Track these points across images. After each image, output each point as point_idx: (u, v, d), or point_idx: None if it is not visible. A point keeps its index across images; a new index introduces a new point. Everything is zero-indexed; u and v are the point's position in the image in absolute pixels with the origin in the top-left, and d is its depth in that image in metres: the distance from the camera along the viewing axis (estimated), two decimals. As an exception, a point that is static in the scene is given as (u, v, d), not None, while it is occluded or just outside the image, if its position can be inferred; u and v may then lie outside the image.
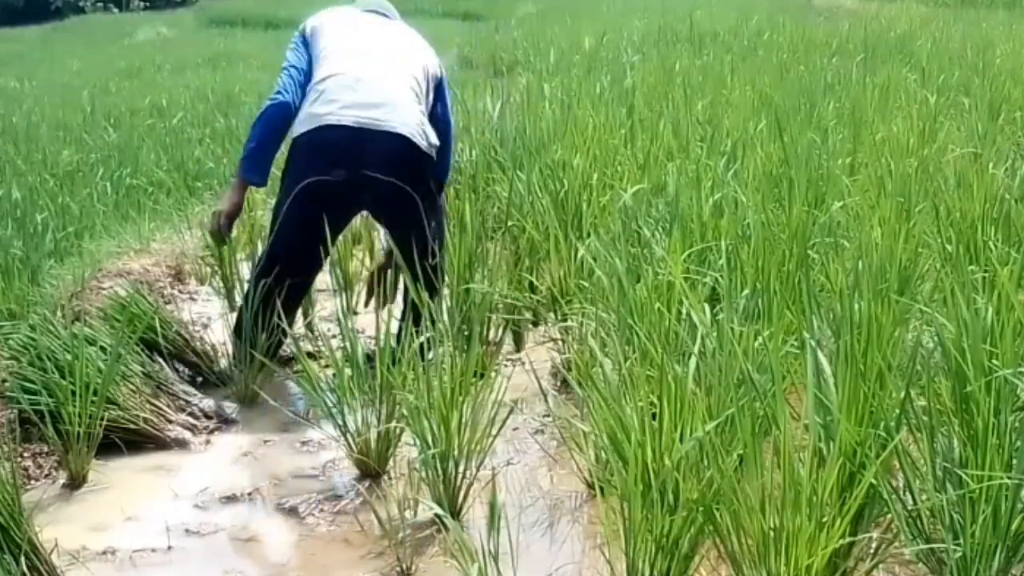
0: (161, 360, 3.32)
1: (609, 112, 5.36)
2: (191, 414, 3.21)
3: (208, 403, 3.30)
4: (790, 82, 6.90)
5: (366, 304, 3.84)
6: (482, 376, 2.84)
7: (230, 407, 3.32)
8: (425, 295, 2.97)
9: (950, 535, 2.02)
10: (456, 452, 2.58)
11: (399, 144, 3.36)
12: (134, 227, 4.90)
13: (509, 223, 4.09)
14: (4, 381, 3.00)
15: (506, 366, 3.47)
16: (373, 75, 3.46)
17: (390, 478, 2.83)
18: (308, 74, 3.50)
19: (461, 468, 2.58)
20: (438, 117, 3.62)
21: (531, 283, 3.79)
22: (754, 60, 8.56)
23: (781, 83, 6.84)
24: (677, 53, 9.05)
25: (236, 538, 2.61)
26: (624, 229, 3.36)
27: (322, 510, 2.71)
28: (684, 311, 2.71)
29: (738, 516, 2.02)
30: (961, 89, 6.58)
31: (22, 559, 2.27)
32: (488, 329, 3.46)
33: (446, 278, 3.55)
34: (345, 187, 3.36)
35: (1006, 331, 2.21)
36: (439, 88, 3.67)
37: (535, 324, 3.81)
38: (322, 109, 3.38)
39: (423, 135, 3.42)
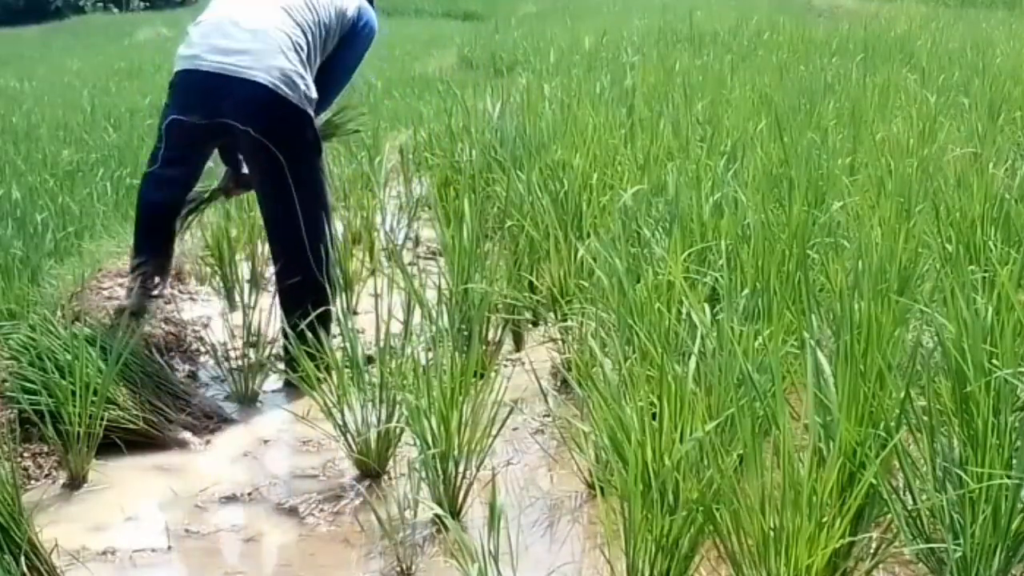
0: (161, 360, 3.32)
1: (609, 112, 5.36)
2: (191, 414, 3.21)
3: (208, 403, 3.30)
4: (790, 82, 6.90)
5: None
6: (482, 376, 2.84)
7: (230, 407, 3.33)
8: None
9: (950, 535, 2.02)
10: (456, 452, 2.58)
11: (257, 92, 3.28)
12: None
13: (509, 223, 4.08)
14: (4, 381, 3.00)
15: (506, 366, 3.46)
16: (243, 19, 3.41)
17: (390, 478, 2.82)
18: None
19: (461, 468, 2.58)
20: (339, 60, 3.57)
21: (531, 283, 3.79)
22: (754, 60, 8.56)
23: (781, 83, 6.84)
24: (677, 53, 9.06)
25: (236, 538, 2.61)
26: (624, 229, 3.36)
27: (322, 510, 2.70)
28: (684, 311, 2.71)
29: (738, 516, 2.02)
30: (961, 89, 6.58)
31: (22, 559, 2.27)
32: (488, 329, 3.46)
33: (330, 263, 3.46)
34: (202, 130, 3.35)
35: (1006, 331, 2.21)
36: (349, 33, 3.58)
37: (535, 324, 3.80)
38: (187, 52, 3.40)
39: (290, 85, 3.32)
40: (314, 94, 3.40)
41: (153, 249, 3.52)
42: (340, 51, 3.58)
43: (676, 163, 4.16)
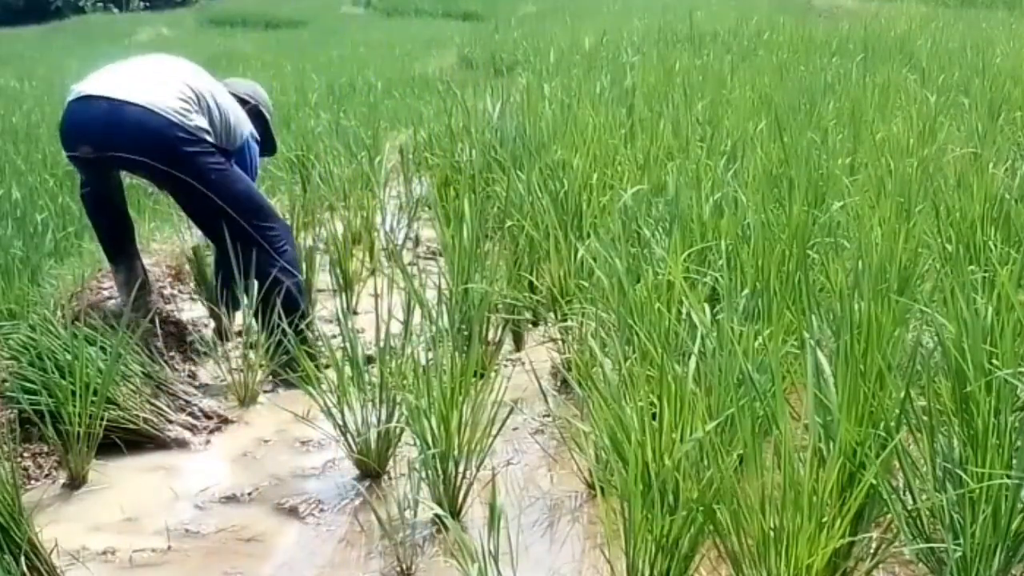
0: (161, 360, 3.32)
1: (609, 112, 5.36)
2: (191, 414, 3.21)
3: (208, 403, 3.30)
4: (790, 82, 6.90)
5: None
6: (482, 376, 2.84)
7: (230, 407, 3.32)
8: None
9: (950, 535, 2.02)
10: (456, 452, 2.58)
11: (149, 118, 3.27)
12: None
13: (509, 223, 4.08)
14: (4, 381, 3.00)
15: (506, 366, 3.46)
16: (135, 69, 3.47)
17: (390, 478, 2.83)
18: None
19: (461, 468, 2.58)
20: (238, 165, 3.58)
21: (531, 283, 3.79)
22: (754, 60, 8.56)
23: (781, 83, 6.84)
24: (677, 53, 9.05)
25: (236, 538, 2.61)
26: (624, 229, 3.36)
27: (322, 510, 2.71)
28: (684, 311, 2.71)
29: (738, 516, 2.02)
30: (961, 89, 6.58)
31: (22, 559, 2.27)
32: (488, 329, 3.46)
33: (284, 255, 3.53)
34: (97, 163, 3.38)
35: (1006, 331, 2.21)
36: (235, 153, 3.58)
37: (535, 324, 3.81)
38: (76, 86, 3.43)
39: (184, 117, 3.32)
40: (204, 124, 3.38)
41: (119, 249, 3.61)
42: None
43: (676, 163, 4.16)
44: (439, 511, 2.51)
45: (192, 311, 4.03)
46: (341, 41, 16.33)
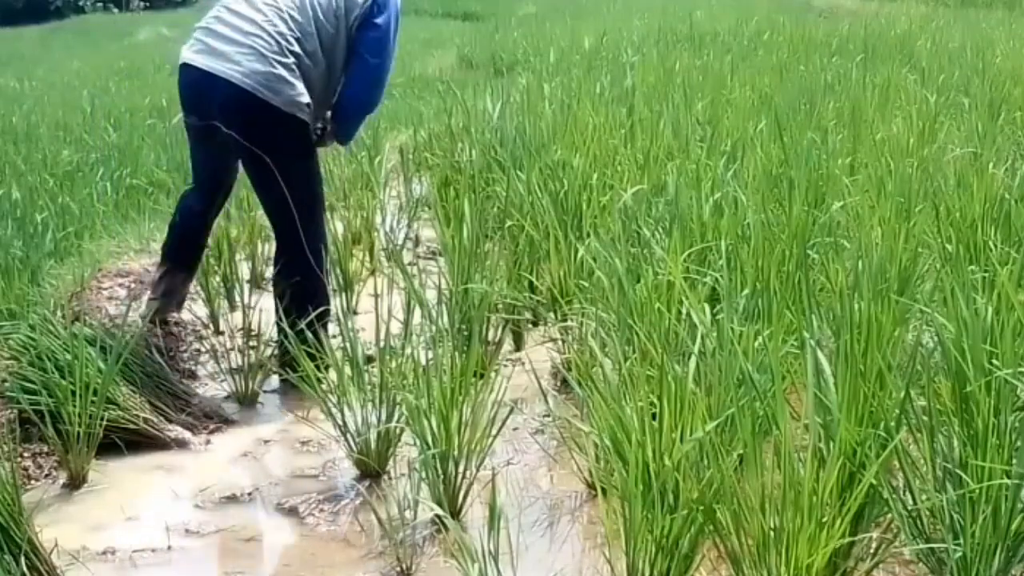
0: (161, 360, 3.32)
1: (609, 112, 5.36)
2: (191, 414, 3.21)
3: (208, 403, 3.30)
4: (790, 82, 6.90)
5: None
6: (482, 376, 2.84)
7: (230, 407, 3.33)
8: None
9: (950, 535, 2.02)
10: (456, 452, 2.58)
11: (236, 94, 3.28)
12: (134, 227, 4.90)
13: (509, 223, 4.08)
14: (4, 381, 3.00)
15: (506, 366, 3.46)
16: (237, 21, 3.39)
17: (390, 478, 2.83)
18: None
19: (461, 468, 2.58)
20: (362, 45, 3.42)
21: (531, 283, 3.79)
22: (754, 60, 8.56)
23: (781, 83, 6.84)
24: (677, 53, 9.05)
25: (236, 538, 2.61)
26: (624, 229, 3.36)
27: (322, 510, 2.70)
28: (684, 311, 2.71)
29: (738, 516, 2.03)
30: (961, 89, 6.59)
31: (22, 559, 2.27)
32: (488, 329, 3.46)
33: (324, 248, 3.52)
34: (202, 131, 3.41)
35: (1006, 331, 2.21)
36: (368, 16, 3.42)
37: (535, 324, 3.81)
38: (185, 48, 3.44)
39: (272, 89, 3.29)
40: (306, 99, 3.34)
41: (176, 256, 3.62)
42: (363, 30, 3.43)
43: (676, 163, 4.16)
44: (439, 511, 2.51)
45: (192, 311, 4.03)
46: (341, 41, 16.29)
